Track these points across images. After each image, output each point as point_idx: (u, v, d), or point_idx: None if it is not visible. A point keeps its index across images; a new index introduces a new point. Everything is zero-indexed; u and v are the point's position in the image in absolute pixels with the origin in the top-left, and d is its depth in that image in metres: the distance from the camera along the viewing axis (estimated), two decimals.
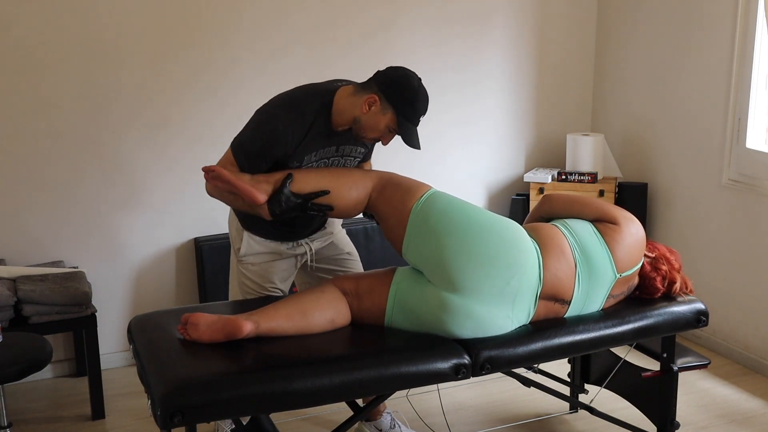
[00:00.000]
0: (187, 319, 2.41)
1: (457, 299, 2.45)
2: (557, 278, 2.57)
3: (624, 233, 2.68)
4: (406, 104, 2.54)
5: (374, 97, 2.53)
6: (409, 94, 2.55)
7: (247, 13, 3.86)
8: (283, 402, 2.27)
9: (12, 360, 2.78)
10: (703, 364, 3.04)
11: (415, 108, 2.56)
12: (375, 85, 2.56)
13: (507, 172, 4.58)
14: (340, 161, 2.72)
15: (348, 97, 2.59)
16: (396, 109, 2.54)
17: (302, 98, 2.62)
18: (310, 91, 2.65)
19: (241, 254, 2.82)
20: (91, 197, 3.74)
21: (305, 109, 2.58)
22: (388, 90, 2.54)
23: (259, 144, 2.57)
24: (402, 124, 2.56)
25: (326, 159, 2.68)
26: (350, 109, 2.57)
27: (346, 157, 2.73)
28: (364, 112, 2.55)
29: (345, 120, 2.60)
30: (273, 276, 2.84)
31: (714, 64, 3.88)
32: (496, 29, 4.39)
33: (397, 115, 2.54)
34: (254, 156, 2.58)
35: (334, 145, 2.67)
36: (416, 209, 2.54)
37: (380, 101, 2.53)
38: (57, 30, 3.56)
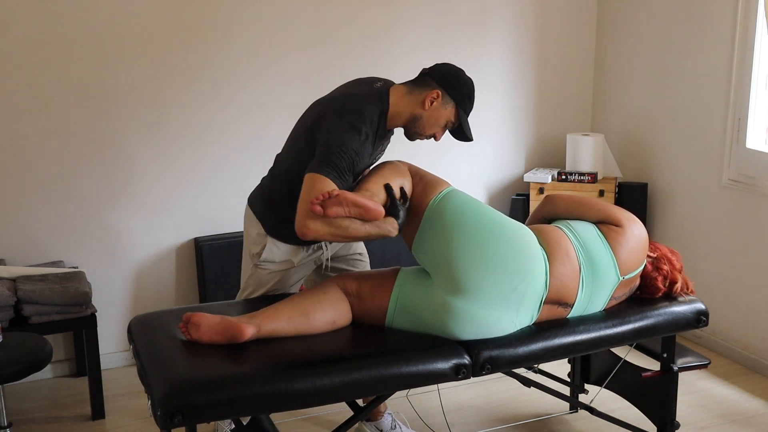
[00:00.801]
0: (189, 318, 2.40)
1: (462, 303, 2.44)
2: (562, 283, 2.57)
3: (628, 235, 2.67)
4: (465, 97, 2.62)
5: (437, 92, 2.58)
6: (467, 86, 2.64)
7: (248, 13, 3.86)
8: (283, 402, 2.26)
9: (12, 360, 2.78)
10: (703, 364, 3.04)
11: (472, 99, 2.65)
12: (433, 82, 2.60)
13: (507, 172, 4.58)
14: (378, 157, 2.75)
15: (404, 97, 2.61)
16: (457, 102, 2.61)
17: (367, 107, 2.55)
18: (368, 96, 2.59)
19: (261, 258, 2.78)
20: (91, 197, 3.74)
21: (372, 117, 2.55)
22: (448, 85, 2.60)
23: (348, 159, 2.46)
24: (461, 116, 2.63)
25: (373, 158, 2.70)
26: (408, 108, 2.61)
27: (381, 153, 2.77)
28: (426, 108, 2.59)
29: (402, 120, 2.63)
30: (286, 284, 2.83)
31: (714, 64, 3.88)
32: (496, 29, 4.39)
33: (457, 108, 2.61)
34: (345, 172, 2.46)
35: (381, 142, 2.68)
36: (433, 204, 2.54)
37: (442, 96, 2.59)
38: (57, 30, 3.56)
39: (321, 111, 2.61)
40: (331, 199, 2.31)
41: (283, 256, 2.77)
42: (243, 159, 3.95)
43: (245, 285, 2.88)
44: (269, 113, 3.94)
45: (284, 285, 2.83)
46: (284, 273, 2.80)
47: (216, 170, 3.93)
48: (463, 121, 2.64)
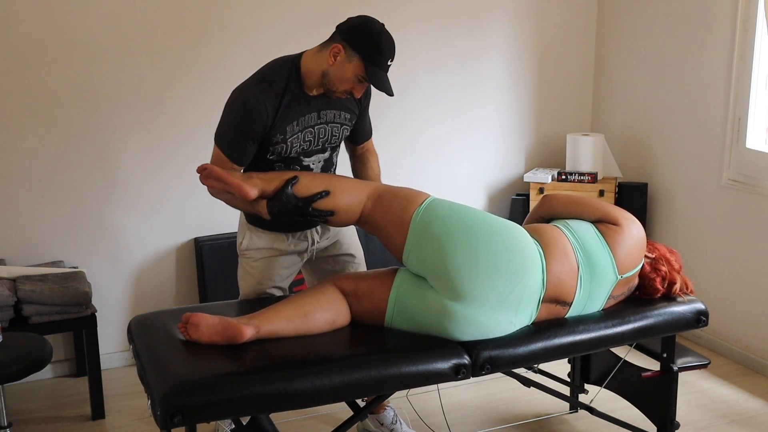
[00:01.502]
0: (188, 319, 2.40)
1: (460, 307, 2.43)
2: (560, 281, 2.57)
3: (625, 234, 2.67)
4: (372, 48, 2.52)
5: (338, 46, 2.53)
6: (373, 37, 2.53)
7: (249, 14, 3.86)
8: (283, 402, 2.26)
9: (12, 360, 2.78)
10: (703, 364, 3.04)
11: (381, 51, 2.53)
12: (338, 36, 2.56)
13: (507, 172, 4.58)
14: (326, 129, 2.70)
15: (314, 56, 2.60)
16: (361, 54, 2.52)
17: (269, 69, 2.65)
18: (276, 61, 2.68)
19: (242, 248, 2.84)
20: (91, 197, 3.74)
21: (273, 78, 2.60)
22: (351, 37, 2.54)
23: (236, 123, 2.59)
24: (370, 69, 2.52)
25: (311, 128, 2.67)
26: (318, 66, 2.58)
27: (331, 124, 2.71)
28: (330, 64, 2.55)
29: (316, 79, 2.60)
30: (273, 273, 2.84)
31: (714, 64, 3.88)
32: (496, 29, 4.39)
33: (363, 60, 2.52)
34: (236, 138, 2.59)
35: (314, 111, 2.66)
36: (417, 216, 2.52)
37: (344, 50, 2.53)
38: (56, 30, 3.56)
39: None
40: (206, 170, 2.56)
41: (264, 243, 2.80)
42: None
43: (239, 282, 2.91)
44: None
45: (272, 275, 2.83)
46: (269, 261, 2.81)
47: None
48: (371, 74, 2.53)
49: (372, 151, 2.93)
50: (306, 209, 2.54)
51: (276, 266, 2.84)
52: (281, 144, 2.63)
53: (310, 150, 2.71)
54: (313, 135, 2.68)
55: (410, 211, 2.53)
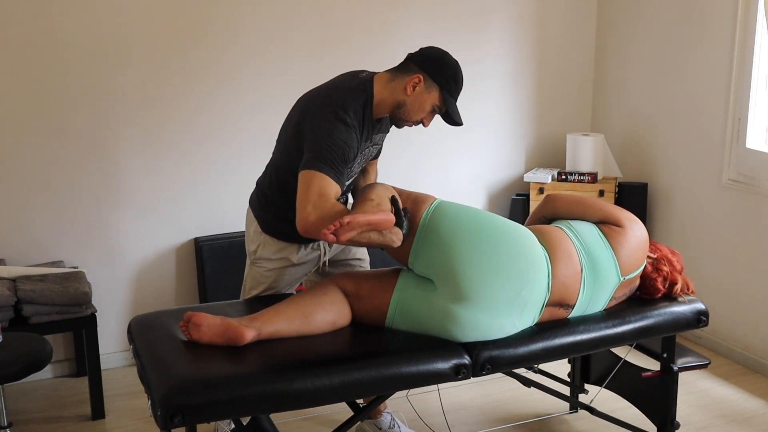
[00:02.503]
0: (190, 318, 2.39)
1: (465, 311, 2.42)
2: (564, 285, 2.56)
3: (629, 236, 2.67)
4: (450, 80, 2.56)
5: (418, 77, 2.54)
6: (451, 69, 2.58)
7: (250, 16, 3.86)
8: (283, 402, 2.26)
9: (12, 360, 2.78)
10: (703, 364, 3.04)
11: (458, 82, 2.59)
12: (415, 66, 2.56)
13: (507, 172, 4.58)
14: (371, 149, 2.71)
15: (387, 84, 2.58)
16: (440, 85, 2.56)
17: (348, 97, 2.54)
18: (350, 88, 2.57)
19: (256, 255, 2.80)
20: (92, 197, 3.74)
21: (356, 107, 2.53)
22: (430, 68, 2.55)
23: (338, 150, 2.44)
24: (447, 100, 2.57)
25: (366, 149, 2.67)
26: (392, 95, 2.57)
27: (374, 145, 2.73)
28: (408, 94, 2.55)
29: (387, 108, 2.59)
30: (282, 282, 2.83)
31: (714, 64, 3.88)
32: (496, 28, 4.39)
33: (441, 91, 2.56)
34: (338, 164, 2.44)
35: (370, 133, 2.65)
36: (425, 218, 2.50)
37: (424, 80, 2.54)
38: (58, 31, 3.56)
39: (305, 106, 2.61)
40: (344, 227, 2.25)
41: (278, 253, 2.77)
42: (243, 159, 3.95)
43: (245, 284, 2.89)
44: (270, 115, 3.93)
45: (281, 284, 2.83)
46: (281, 271, 2.80)
47: (216, 170, 3.93)
48: (449, 105, 2.58)
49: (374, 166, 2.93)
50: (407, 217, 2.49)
51: (286, 276, 2.82)
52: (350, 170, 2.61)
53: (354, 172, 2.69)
54: (364, 155, 2.68)
55: (419, 214, 2.52)
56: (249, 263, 2.85)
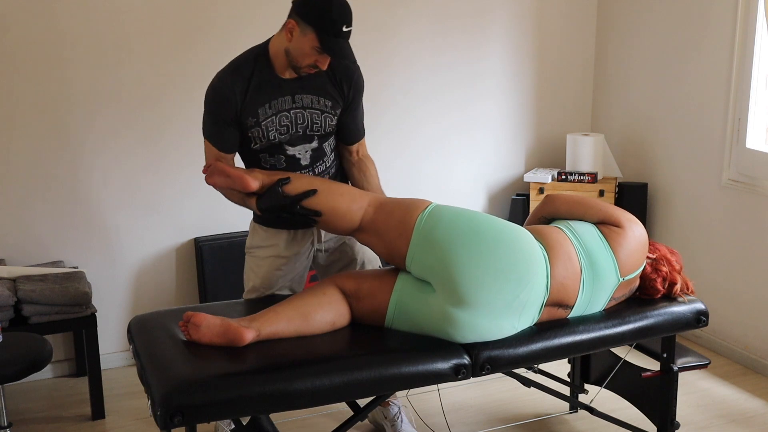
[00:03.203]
0: (190, 318, 2.39)
1: (464, 314, 2.42)
2: (563, 286, 2.56)
3: (628, 236, 2.66)
4: (321, 17, 2.47)
5: (291, 22, 2.54)
6: (322, 5, 2.48)
7: (251, 16, 3.85)
8: (283, 402, 2.26)
9: (12, 360, 2.78)
10: (703, 364, 3.04)
11: (332, 18, 2.47)
12: (292, 11, 2.56)
13: (507, 172, 4.58)
14: (304, 114, 2.68)
15: (277, 37, 2.64)
16: (314, 26, 2.49)
17: (239, 56, 2.71)
18: (248, 50, 2.72)
19: (248, 245, 2.89)
20: (92, 197, 3.74)
21: (241, 63, 2.66)
22: (302, 10, 2.53)
23: (210, 110, 2.68)
24: (324, 40, 2.49)
25: (286, 112, 2.66)
26: (280, 46, 2.60)
27: (309, 109, 2.69)
28: (289, 41, 2.56)
29: (283, 60, 2.61)
30: (276, 274, 2.84)
31: (714, 64, 3.88)
32: (496, 28, 4.39)
33: (316, 32, 2.49)
34: (214, 125, 2.68)
35: (287, 95, 2.66)
36: (421, 220, 2.50)
37: (298, 24, 2.53)
38: (58, 31, 3.56)
39: None
40: (209, 168, 2.68)
41: (267, 240, 2.82)
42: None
43: (245, 279, 2.93)
44: None
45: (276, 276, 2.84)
46: (273, 261, 2.82)
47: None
48: (326, 44, 2.49)
49: (369, 158, 2.91)
50: (293, 207, 2.56)
51: (281, 268, 2.84)
52: (256, 128, 2.66)
53: (291, 137, 2.70)
54: (290, 120, 2.67)
55: (414, 216, 2.51)
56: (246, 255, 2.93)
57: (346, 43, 2.55)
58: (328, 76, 2.68)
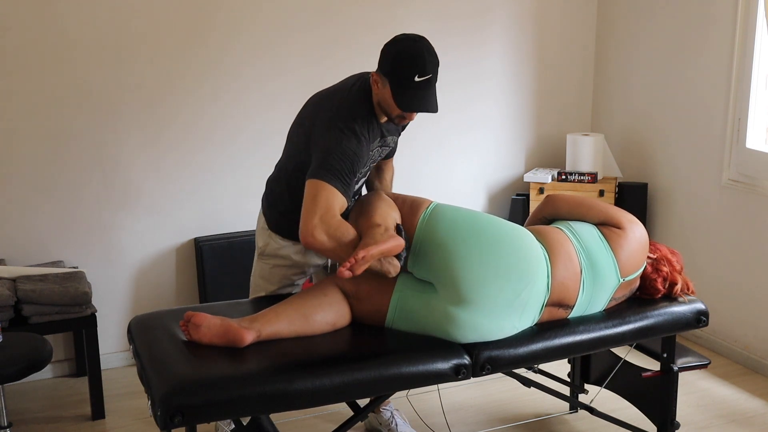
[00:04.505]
0: (190, 318, 2.39)
1: (465, 314, 2.42)
2: (564, 286, 2.56)
3: (629, 237, 2.66)
4: (394, 68, 2.43)
5: (375, 74, 2.51)
6: (392, 56, 2.44)
7: (252, 17, 3.85)
8: (283, 402, 2.26)
9: (12, 360, 2.78)
10: (703, 364, 3.04)
11: (401, 68, 2.41)
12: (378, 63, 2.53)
13: (507, 172, 4.58)
14: (380, 151, 2.69)
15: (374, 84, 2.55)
16: (389, 78, 2.45)
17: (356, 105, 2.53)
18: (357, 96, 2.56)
19: (262, 251, 2.83)
20: (92, 197, 3.74)
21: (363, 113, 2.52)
22: (380, 62, 2.50)
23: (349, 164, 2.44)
24: (396, 92, 2.44)
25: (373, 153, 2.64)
26: (375, 97, 2.55)
27: (384, 147, 2.71)
28: (376, 92, 2.52)
29: (379, 109, 2.57)
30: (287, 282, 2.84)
31: (714, 64, 3.88)
32: (496, 28, 4.39)
33: (390, 84, 2.45)
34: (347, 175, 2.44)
35: (380, 137, 2.64)
36: (423, 221, 2.51)
37: (379, 76, 2.49)
38: (58, 32, 3.56)
39: (315, 112, 2.59)
40: (359, 262, 2.29)
41: (282, 251, 2.78)
42: (243, 160, 3.95)
43: (252, 277, 2.91)
44: (271, 116, 3.94)
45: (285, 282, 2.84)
46: (285, 270, 2.81)
47: (216, 170, 3.93)
48: (398, 95, 2.44)
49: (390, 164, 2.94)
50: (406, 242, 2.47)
51: (291, 276, 2.83)
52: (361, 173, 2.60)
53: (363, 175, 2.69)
54: (372, 159, 2.67)
55: (416, 217, 2.52)
56: (257, 257, 2.89)
57: (426, 93, 2.45)
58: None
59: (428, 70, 2.44)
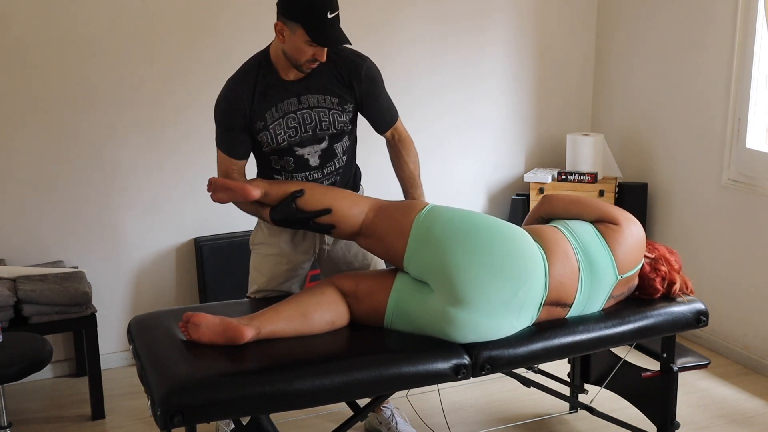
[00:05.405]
0: (189, 318, 2.40)
1: (463, 314, 2.42)
2: (561, 284, 2.56)
3: (625, 234, 2.67)
4: (303, 11, 2.51)
5: (279, 23, 2.58)
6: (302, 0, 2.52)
7: (253, 16, 3.85)
8: (283, 402, 2.27)
9: (12, 360, 2.78)
10: (703, 364, 3.04)
11: (312, 7, 2.50)
12: (277, 12, 2.59)
13: (507, 172, 4.58)
14: (311, 114, 2.69)
15: (274, 41, 2.66)
16: (298, 21, 2.52)
17: (243, 65, 2.73)
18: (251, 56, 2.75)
19: (253, 241, 2.92)
20: (91, 197, 3.74)
21: (245, 70, 2.70)
22: (283, 8, 2.57)
23: (221, 119, 2.70)
24: (311, 32, 2.51)
25: (292, 113, 2.67)
26: (278, 49, 2.64)
27: (317, 108, 2.69)
28: (282, 42, 2.59)
29: (284, 62, 2.64)
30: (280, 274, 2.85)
31: (714, 64, 3.88)
32: (496, 29, 4.39)
33: (302, 26, 2.51)
34: (225, 133, 2.71)
35: (293, 97, 2.68)
36: (419, 220, 2.51)
37: (285, 24, 2.56)
38: (57, 31, 3.56)
39: None
40: (211, 185, 2.67)
41: (270, 238, 2.84)
42: None
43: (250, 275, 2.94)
44: None
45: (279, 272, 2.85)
46: (276, 258, 2.84)
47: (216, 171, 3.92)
48: (314, 34, 2.51)
49: (404, 140, 2.92)
50: (307, 223, 2.60)
51: (284, 266, 2.85)
52: (264, 131, 2.68)
53: (300, 139, 2.71)
54: (297, 121, 2.69)
55: (411, 217, 2.52)
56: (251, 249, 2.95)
57: (336, 29, 2.56)
58: (333, 74, 2.69)
59: (335, 6, 2.56)
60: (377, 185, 3.35)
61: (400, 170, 2.93)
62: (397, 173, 2.95)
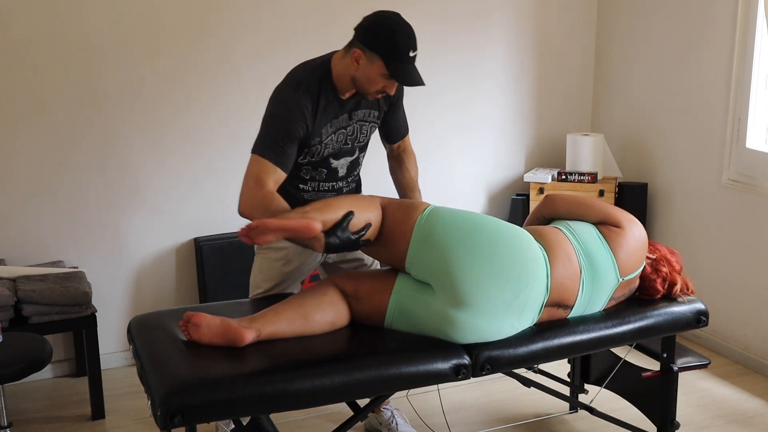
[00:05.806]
0: (190, 318, 2.39)
1: (464, 315, 2.41)
2: (563, 286, 2.55)
3: (628, 237, 2.66)
4: (387, 45, 2.52)
5: (357, 51, 2.56)
6: (387, 33, 2.53)
7: (253, 16, 3.85)
8: (283, 402, 2.26)
9: (12, 360, 2.78)
10: (703, 364, 3.04)
11: (397, 44, 2.52)
12: (356, 40, 2.59)
13: (507, 172, 4.58)
14: (355, 128, 2.74)
15: (340, 61, 2.64)
16: (380, 54, 2.53)
17: (302, 73, 2.67)
18: (307, 66, 2.72)
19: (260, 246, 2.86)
20: (91, 197, 3.74)
21: (309, 84, 2.62)
22: (367, 38, 2.56)
23: (281, 128, 2.58)
24: (392, 67, 2.54)
25: (343, 128, 2.70)
26: (346, 72, 2.61)
27: (361, 122, 2.75)
28: (355, 69, 2.58)
29: (347, 84, 2.63)
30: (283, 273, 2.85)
31: (714, 64, 3.88)
32: (496, 29, 4.39)
33: (383, 59, 2.53)
34: (282, 142, 2.57)
35: (346, 113, 2.70)
36: (420, 221, 2.50)
37: (364, 53, 2.55)
38: (57, 30, 3.56)
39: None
40: (253, 230, 2.32)
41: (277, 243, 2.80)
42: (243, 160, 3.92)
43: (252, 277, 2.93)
44: None
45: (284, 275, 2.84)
46: (283, 262, 2.82)
47: (216, 170, 3.93)
48: (394, 70, 2.54)
49: (409, 152, 2.99)
50: (358, 242, 2.49)
51: (289, 267, 2.85)
52: (317, 146, 2.67)
53: (341, 151, 2.74)
54: (345, 135, 2.72)
55: (413, 218, 2.51)
56: (256, 252, 2.92)
57: (414, 68, 2.59)
58: None
59: (416, 46, 2.59)
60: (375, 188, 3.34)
61: (401, 176, 2.96)
62: (396, 179, 2.97)
